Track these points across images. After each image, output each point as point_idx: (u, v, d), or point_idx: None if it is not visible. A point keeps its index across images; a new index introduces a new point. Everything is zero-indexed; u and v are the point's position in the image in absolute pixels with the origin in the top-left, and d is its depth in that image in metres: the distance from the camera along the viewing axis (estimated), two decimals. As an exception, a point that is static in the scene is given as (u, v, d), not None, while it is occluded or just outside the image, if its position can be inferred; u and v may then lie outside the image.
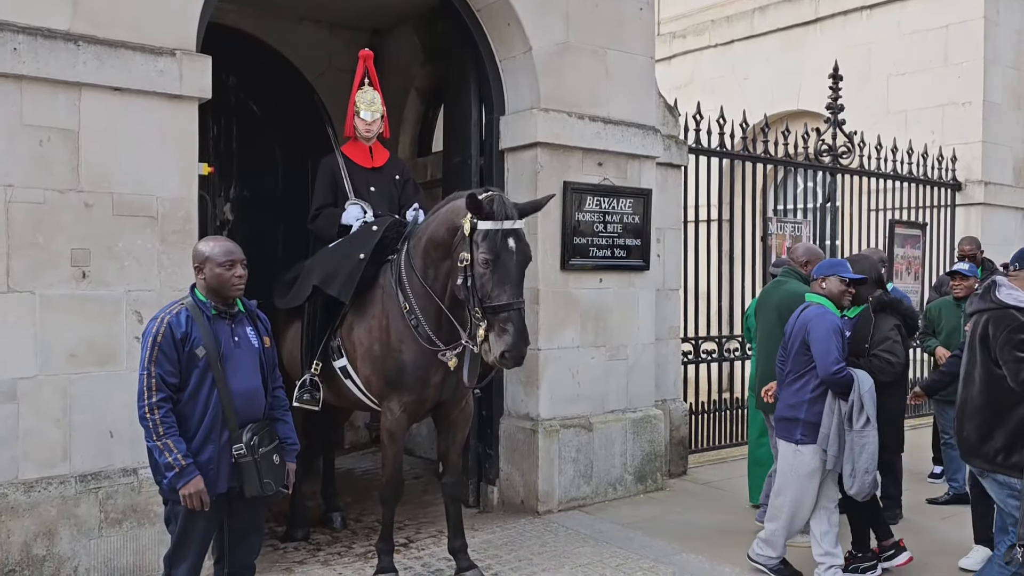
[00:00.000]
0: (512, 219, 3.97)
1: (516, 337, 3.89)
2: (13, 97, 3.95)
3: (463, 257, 3.98)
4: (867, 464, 4.32)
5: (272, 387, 3.52)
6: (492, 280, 3.91)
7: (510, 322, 3.89)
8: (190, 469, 3.18)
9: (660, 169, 6.55)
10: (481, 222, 3.94)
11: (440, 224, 4.27)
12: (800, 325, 4.48)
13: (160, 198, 4.32)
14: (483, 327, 3.94)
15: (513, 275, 3.96)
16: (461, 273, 4.00)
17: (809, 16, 11.17)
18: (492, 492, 5.93)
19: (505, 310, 3.89)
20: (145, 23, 4.27)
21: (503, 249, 3.92)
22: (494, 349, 3.92)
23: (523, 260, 4.02)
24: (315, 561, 4.87)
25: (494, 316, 3.91)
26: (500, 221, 3.93)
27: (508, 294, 3.91)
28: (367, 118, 5.05)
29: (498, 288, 3.91)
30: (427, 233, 4.37)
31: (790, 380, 4.52)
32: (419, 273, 4.37)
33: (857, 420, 4.31)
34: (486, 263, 3.91)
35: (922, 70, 10.03)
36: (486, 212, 3.93)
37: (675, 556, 4.93)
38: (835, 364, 4.28)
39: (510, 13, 5.64)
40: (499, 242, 3.91)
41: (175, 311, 3.29)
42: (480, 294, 3.93)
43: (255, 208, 7.29)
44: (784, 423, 4.55)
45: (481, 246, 3.92)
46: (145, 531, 4.23)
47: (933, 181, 9.34)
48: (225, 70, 5.44)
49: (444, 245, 4.21)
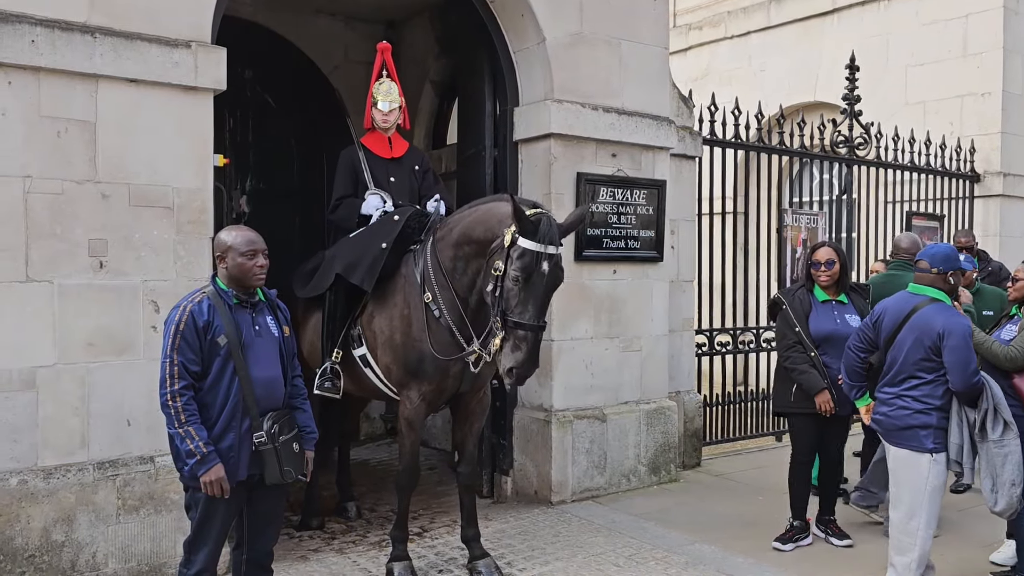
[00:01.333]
0: (554, 245, 3.96)
1: (526, 357, 3.91)
2: (31, 89, 3.99)
3: (497, 266, 3.98)
4: (1012, 475, 3.88)
5: (291, 376, 3.54)
6: (519, 297, 3.92)
7: (525, 342, 3.91)
8: (211, 456, 3.21)
9: (674, 160, 6.54)
10: (523, 239, 3.91)
11: (476, 223, 4.25)
12: (921, 325, 3.95)
13: (176, 189, 4.36)
14: (500, 337, 3.96)
15: (540, 298, 3.95)
16: (492, 280, 4.00)
17: (826, 7, 11.09)
18: (506, 482, 5.95)
19: (524, 329, 3.91)
20: (161, 15, 4.30)
21: (536, 271, 3.91)
22: (504, 362, 3.95)
23: (553, 284, 4.01)
24: (330, 549, 4.91)
25: (513, 331, 3.93)
26: (543, 245, 3.92)
27: (531, 315, 3.92)
28: (384, 108, 5.06)
29: (522, 306, 3.92)
30: (460, 228, 4.34)
31: (899, 380, 4.01)
32: (445, 266, 4.37)
33: (993, 429, 3.88)
34: (516, 280, 3.92)
35: (940, 60, 9.94)
36: (530, 231, 3.91)
37: (688, 547, 4.93)
38: (975, 375, 3.87)
39: (524, 4, 5.63)
40: (535, 264, 3.91)
41: (197, 300, 3.32)
42: (505, 306, 3.95)
43: (271, 200, 7.34)
44: (909, 431, 3.97)
45: (516, 263, 3.91)
46: (162, 518, 4.28)
47: (951, 173, 9.26)
48: (242, 64, 5.49)
49: (478, 244, 4.20)
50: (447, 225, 4.49)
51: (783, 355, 4.95)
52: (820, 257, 4.98)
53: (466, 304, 4.33)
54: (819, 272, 4.97)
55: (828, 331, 4.85)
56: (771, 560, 4.75)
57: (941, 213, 9.10)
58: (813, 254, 5.05)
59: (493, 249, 4.06)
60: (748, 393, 7.64)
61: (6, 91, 3.93)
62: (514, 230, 3.95)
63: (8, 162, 3.95)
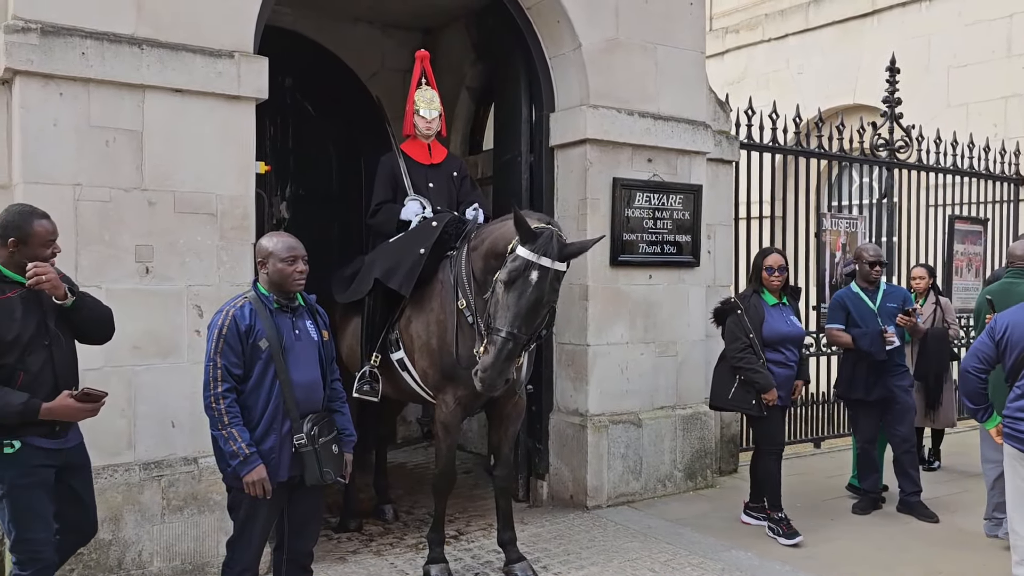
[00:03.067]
0: (549, 258, 3.88)
1: (491, 362, 3.86)
2: (82, 99, 4.11)
3: (498, 275, 3.99)
4: None
5: (330, 379, 3.61)
6: (502, 302, 3.90)
7: (493, 346, 3.86)
8: (253, 458, 3.29)
9: (711, 165, 6.51)
10: (520, 247, 3.91)
11: (500, 238, 4.26)
12: None
13: (219, 195, 4.45)
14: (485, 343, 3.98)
15: (520, 307, 3.85)
16: (491, 286, 4.03)
17: (866, 8, 10.97)
18: (542, 487, 5.97)
19: (495, 334, 3.87)
20: (205, 26, 4.41)
21: (523, 280, 3.86)
22: (478, 366, 3.95)
23: (539, 298, 3.88)
24: (368, 551, 4.97)
25: (489, 336, 3.93)
26: (537, 255, 3.87)
27: (506, 322, 3.86)
28: (427, 116, 5.12)
29: (501, 312, 3.89)
30: (489, 240, 4.36)
31: None
32: (477, 275, 4.40)
33: None
34: (504, 285, 3.90)
35: (984, 61, 9.77)
36: (529, 240, 3.90)
37: (724, 553, 4.91)
38: None
39: (559, 10, 5.66)
40: (522, 272, 3.87)
41: (239, 304, 3.40)
42: (493, 314, 3.95)
43: (310, 206, 7.44)
44: None
45: (507, 267, 3.92)
46: (205, 518, 4.37)
47: (995, 175, 9.09)
48: (282, 72, 5.58)
49: (498, 257, 4.22)
50: (480, 235, 4.53)
51: (736, 356, 5.19)
52: (773, 263, 5.32)
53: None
54: (772, 276, 5.31)
55: (784, 332, 5.25)
56: (809, 567, 4.71)
57: (985, 217, 8.93)
58: (765, 259, 5.36)
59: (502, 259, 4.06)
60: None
61: (58, 102, 4.06)
62: (517, 239, 3.96)
63: (59, 170, 4.07)
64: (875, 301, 5.65)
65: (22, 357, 3.22)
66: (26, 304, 3.26)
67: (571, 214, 5.86)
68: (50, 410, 3.22)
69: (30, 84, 4.01)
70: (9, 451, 3.21)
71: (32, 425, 3.23)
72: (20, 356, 3.22)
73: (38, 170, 4.03)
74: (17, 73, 3.99)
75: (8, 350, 3.20)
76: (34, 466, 3.26)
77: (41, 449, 3.27)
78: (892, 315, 5.55)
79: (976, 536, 5.22)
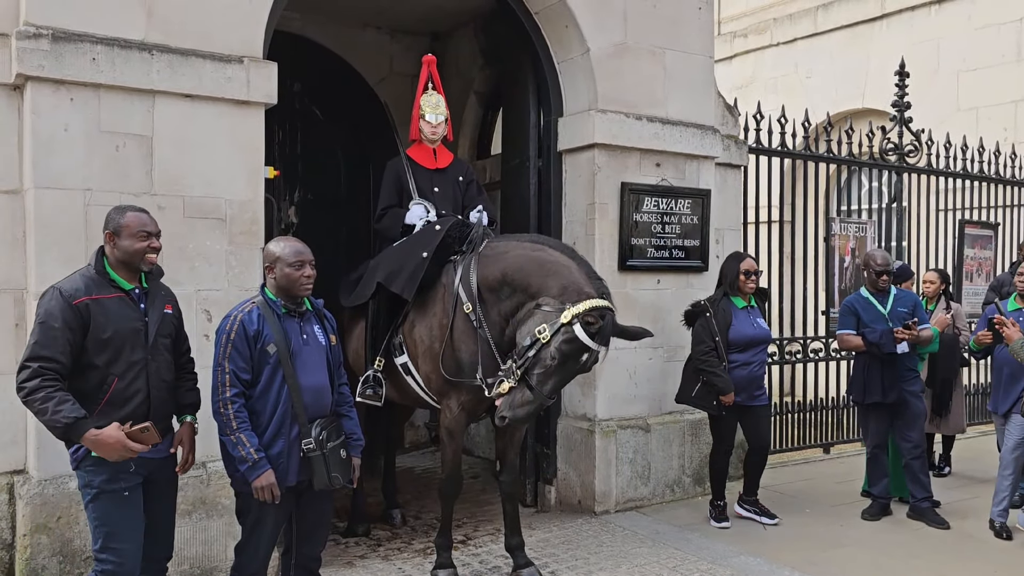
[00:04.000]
0: (604, 346, 4.04)
1: (524, 417, 4.04)
2: (92, 105, 4.13)
3: (543, 330, 3.97)
4: None
5: (338, 383, 3.62)
6: (547, 369, 3.97)
7: (531, 405, 3.99)
8: (262, 463, 3.29)
9: (719, 169, 6.50)
10: (579, 329, 3.92)
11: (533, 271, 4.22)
12: None
13: (228, 200, 4.47)
14: (511, 381, 4.01)
15: (565, 380, 4.11)
16: (529, 337, 4.02)
17: (875, 12, 10.95)
18: (549, 492, 5.96)
19: (537, 396, 3.98)
20: (214, 32, 4.42)
21: (573, 359, 3.98)
22: (502, 407, 4.01)
23: (582, 372, 4.13)
24: (375, 556, 4.97)
25: (525, 388, 3.99)
26: (596, 344, 3.96)
27: (548, 389, 4.01)
28: (432, 120, 5.13)
29: (546, 378, 3.98)
30: (515, 263, 4.31)
31: None
32: (489, 284, 4.38)
33: None
34: (553, 359, 3.95)
35: (994, 65, 9.74)
36: (590, 329, 3.92)
37: (733, 558, 4.89)
38: None
39: (568, 15, 5.67)
40: (576, 352, 3.96)
41: (247, 309, 3.41)
42: (530, 367, 3.99)
43: (319, 210, 7.46)
44: None
45: (563, 345, 3.93)
46: (213, 522, 4.37)
47: (1005, 180, 9.04)
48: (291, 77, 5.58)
49: (527, 292, 4.20)
50: (497, 247, 4.50)
51: (700, 359, 5.40)
52: (750, 267, 5.53)
53: (504, 324, 4.36)
54: (748, 281, 5.51)
55: (750, 335, 5.46)
56: (818, 573, 4.69)
57: (995, 221, 8.89)
58: (741, 264, 5.54)
59: (548, 313, 4.04)
60: (795, 404, 7.55)
61: (68, 107, 4.08)
62: (577, 313, 3.94)
63: (70, 176, 4.09)
64: (886, 306, 5.64)
65: (115, 361, 3.16)
66: (127, 309, 3.23)
67: (579, 219, 5.85)
68: (95, 438, 3.02)
69: (41, 89, 4.04)
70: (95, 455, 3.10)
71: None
72: (113, 359, 3.16)
73: (49, 175, 4.06)
74: (28, 79, 4.01)
75: (101, 349, 3.14)
76: (124, 472, 3.16)
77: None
78: (902, 319, 5.54)
79: (987, 543, 5.18)
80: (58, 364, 3.06)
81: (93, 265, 3.26)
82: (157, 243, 3.31)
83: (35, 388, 3.01)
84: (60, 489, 4.05)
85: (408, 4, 7.08)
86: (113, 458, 3.08)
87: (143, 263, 3.27)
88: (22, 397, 3.06)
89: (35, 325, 3.13)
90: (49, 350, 3.05)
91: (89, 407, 3.10)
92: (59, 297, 3.12)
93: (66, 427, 3.01)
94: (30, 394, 3.02)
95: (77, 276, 3.23)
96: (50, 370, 3.04)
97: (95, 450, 3.07)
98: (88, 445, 3.06)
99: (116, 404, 3.17)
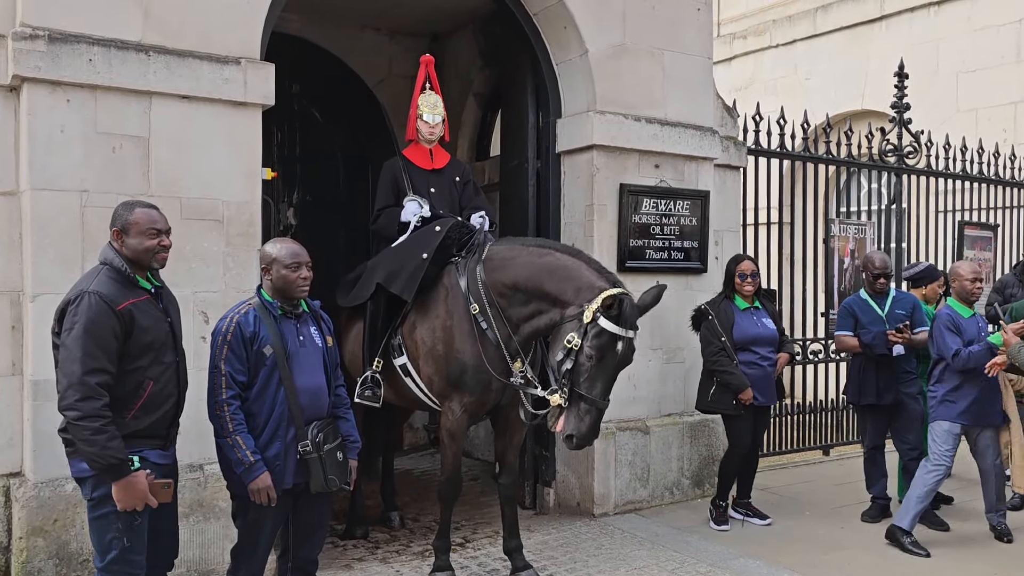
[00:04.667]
0: (634, 329, 4.03)
1: (589, 431, 4.00)
2: (88, 106, 4.12)
3: (572, 339, 3.99)
4: None
5: (335, 385, 3.60)
6: (590, 373, 3.98)
7: (590, 415, 3.99)
8: (258, 465, 3.28)
9: (718, 170, 6.49)
10: (604, 320, 3.94)
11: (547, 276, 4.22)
12: None
13: (226, 202, 4.45)
14: (563, 402, 4.01)
15: (610, 377, 4.05)
16: (563, 351, 4.02)
17: (874, 14, 10.95)
18: (548, 494, 5.94)
19: (590, 403, 3.98)
20: (212, 33, 4.41)
21: (610, 351, 3.98)
22: (566, 428, 4.02)
23: (625, 363, 4.09)
24: (374, 559, 4.95)
25: (579, 402, 3.99)
26: (624, 329, 3.97)
27: (599, 392, 4.00)
28: (430, 120, 5.12)
29: (591, 383, 3.98)
30: (525, 269, 4.30)
31: None
32: (497, 289, 4.37)
33: None
34: (590, 358, 3.96)
35: (993, 66, 9.74)
36: (614, 315, 3.95)
37: (733, 561, 4.88)
38: None
39: (566, 16, 5.66)
40: (611, 345, 3.97)
41: (244, 311, 3.39)
42: (574, 377, 3.99)
43: (317, 212, 7.45)
44: None
45: (593, 341, 3.95)
46: (210, 525, 4.35)
47: (1005, 181, 9.03)
48: (289, 78, 5.59)
49: (544, 298, 4.21)
50: (502, 252, 4.47)
51: (711, 360, 5.43)
52: (746, 269, 5.54)
53: (516, 330, 4.36)
54: (744, 283, 5.52)
55: (753, 334, 5.47)
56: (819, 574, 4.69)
57: (995, 223, 8.88)
58: (737, 266, 5.57)
59: (569, 316, 4.06)
60: (794, 406, 7.53)
61: (65, 108, 4.07)
62: (596, 308, 3.96)
63: (67, 177, 4.08)
64: (884, 307, 5.63)
65: (152, 364, 3.11)
66: (155, 310, 3.18)
67: (578, 220, 5.84)
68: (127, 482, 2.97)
69: (37, 91, 4.02)
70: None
71: (149, 437, 3.12)
72: (150, 363, 3.11)
73: (45, 176, 4.04)
74: (25, 80, 4.00)
75: (142, 353, 3.07)
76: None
77: (155, 464, 3.13)
78: (900, 321, 5.52)
79: (986, 545, 5.17)
80: (109, 376, 2.97)
81: (113, 265, 3.12)
82: (167, 241, 3.23)
83: (91, 414, 2.91)
84: (56, 492, 4.03)
85: (407, 6, 7.07)
86: (129, 505, 3.00)
87: (154, 261, 3.19)
88: (72, 418, 2.93)
89: (76, 332, 2.96)
90: (100, 362, 2.95)
91: (123, 411, 3.05)
92: (101, 303, 2.98)
93: (110, 466, 2.94)
94: (83, 418, 2.90)
95: (104, 279, 3.07)
96: (103, 386, 2.94)
97: (120, 494, 2.98)
98: (118, 488, 2.97)
99: (150, 408, 3.13)
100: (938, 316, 5.14)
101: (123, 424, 3.03)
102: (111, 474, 2.96)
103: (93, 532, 3.11)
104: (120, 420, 3.01)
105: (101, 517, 3.06)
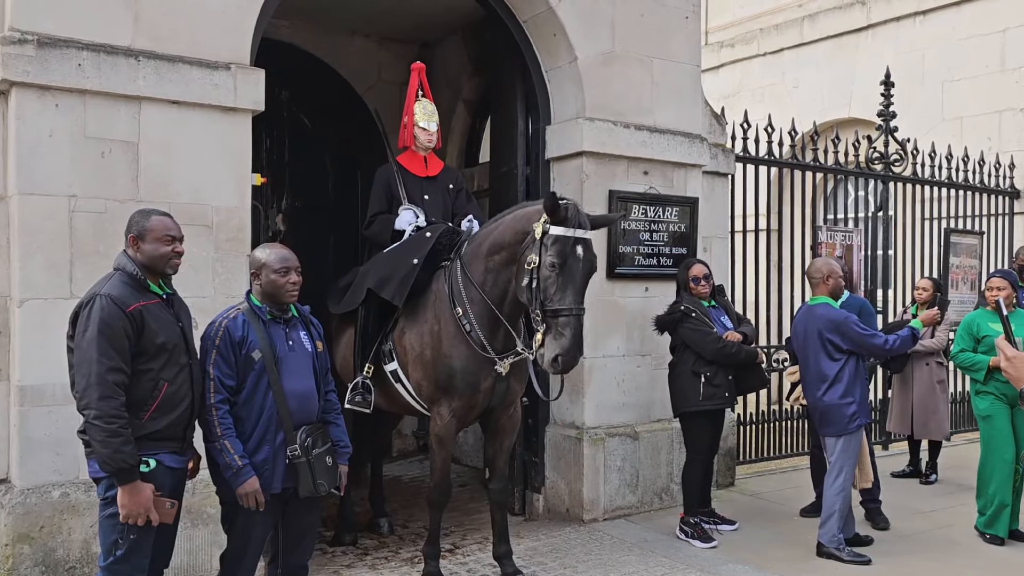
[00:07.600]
0: (584, 228, 4.06)
1: (571, 342, 3.94)
2: (77, 111, 4.11)
3: (531, 259, 4.05)
4: None
5: (325, 390, 3.60)
6: (556, 284, 3.98)
7: (568, 327, 3.95)
8: (247, 469, 3.26)
9: (707, 177, 6.52)
10: (553, 227, 4.01)
11: (506, 229, 4.34)
12: None
13: (215, 207, 4.45)
14: (541, 331, 4.00)
15: (578, 281, 4.03)
16: (527, 275, 4.07)
17: (861, 23, 11.04)
18: (537, 500, 5.94)
19: (565, 314, 3.95)
20: (201, 38, 4.41)
21: (571, 255, 3.99)
22: (548, 352, 3.97)
23: (589, 269, 4.10)
24: (363, 565, 4.94)
25: (554, 319, 3.97)
26: (573, 228, 4.01)
27: (570, 299, 3.97)
28: (428, 128, 5.14)
29: (561, 292, 3.97)
30: (490, 238, 4.43)
31: None
32: (476, 279, 4.42)
33: None
34: (552, 267, 3.98)
35: (978, 75, 9.83)
36: (560, 218, 4.01)
37: (721, 566, 4.89)
38: None
39: (556, 24, 5.68)
40: (569, 248, 3.99)
41: (232, 315, 3.39)
42: (543, 296, 4.00)
43: (306, 218, 7.44)
44: None
45: (551, 250, 3.99)
46: (198, 531, 4.33)
47: (990, 189, 9.13)
48: (279, 84, 5.58)
49: (509, 247, 4.27)
50: (476, 240, 4.55)
51: (716, 348, 5.25)
52: (698, 273, 5.49)
53: (500, 314, 4.37)
54: (699, 286, 5.47)
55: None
56: (806, 581, 4.70)
57: (980, 230, 8.96)
58: (689, 271, 5.51)
59: (525, 246, 4.13)
60: (782, 412, 7.56)
61: (53, 113, 4.06)
62: (544, 220, 4.03)
63: (55, 182, 4.06)
64: None
65: (166, 366, 3.15)
66: (167, 314, 3.22)
67: (567, 226, 5.85)
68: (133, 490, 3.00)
69: (26, 95, 4.01)
70: (144, 469, 3.06)
71: (166, 439, 3.15)
72: (164, 364, 3.14)
73: (33, 181, 4.03)
74: (13, 84, 3.99)
75: (155, 354, 3.11)
76: (162, 487, 3.13)
77: (169, 469, 3.17)
78: None
79: (973, 550, 5.20)
80: (124, 376, 3.03)
81: (126, 271, 3.17)
82: (181, 247, 3.29)
83: (109, 414, 2.96)
84: (43, 499, 4.00)
85: (397, 13, 7.09)
86: (131, 515, 3.02)
87: (168, 267, 3.24)
88: (90, 417, 2.97)
89: (91, 334, 3.00)
90: (115, 361, 3.00)
91: (140, 412, 3.09)
92: (112, 304, 3.03)
93: (120, 470, 2.97)
94: (101, 417, 2.95)
95: (116, 282, 3.12)
96: (119, 385, 3.00)
97: (125, 499, 3.00)
98: (124, 492, 3.00)
99: (166, 409, 3.16)
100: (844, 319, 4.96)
101: (140, 425, 3.07)
102: (120, 478, 3.00)
103: (101, 531, 3.17)
104: (137, 421, 3.06)
105: (111, 517, 3.10)
